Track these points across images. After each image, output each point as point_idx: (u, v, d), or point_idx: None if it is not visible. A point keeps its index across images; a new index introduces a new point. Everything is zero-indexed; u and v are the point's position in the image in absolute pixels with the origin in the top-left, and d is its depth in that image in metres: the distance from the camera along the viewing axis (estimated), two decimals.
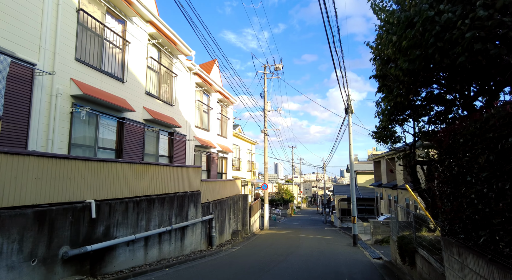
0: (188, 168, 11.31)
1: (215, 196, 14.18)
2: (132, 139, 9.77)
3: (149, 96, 11.00)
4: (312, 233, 22.29)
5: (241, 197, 19.47)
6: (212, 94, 16.99)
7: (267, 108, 27.34)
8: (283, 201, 52.86)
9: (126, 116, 9.57)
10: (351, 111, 14.78)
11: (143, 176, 8.61)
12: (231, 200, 16.75)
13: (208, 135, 16.30)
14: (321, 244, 15.30)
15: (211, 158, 16.36)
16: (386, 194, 27.18)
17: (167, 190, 9.86)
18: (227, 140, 19.41)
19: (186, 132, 13.61)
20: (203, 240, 12.24)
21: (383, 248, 13.34)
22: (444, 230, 4.80)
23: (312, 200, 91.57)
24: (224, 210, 15.30)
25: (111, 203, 7.23)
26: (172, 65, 12.75)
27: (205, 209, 12.47)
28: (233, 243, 14.94)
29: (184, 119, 13.64)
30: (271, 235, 20.46)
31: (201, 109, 15.56)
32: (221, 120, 18.67)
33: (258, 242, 16.28)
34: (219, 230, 14.27)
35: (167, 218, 9.62)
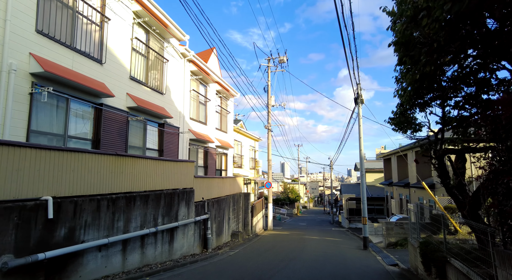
0: (178, 163, 10.12)
1: (212, 194, 12.99)
2: (112, 129, 8.61)
3: (134, 82, 9.83)
4: (318, 234, 20.98)
5: (242, 195, 18.26)
6: (210, 85, 15.79)
7: (271, 103, 26.08)
8: (288, 201, 51.54)
9: (106, 102, 8.41)
10: (361, 101, 13.44)
11: (121, 170, 7.44)
12: (230, 199, 15.54)
13: (206, 129, 15.11)
14: (328, 247, 14.01)
15: (208, 153, 15.17)
16: (397, 193, 25.71)
17: (152, 186, 8.68)
18: (227, 134, 18.21)
19: (179, 124, 12.43)
20: (197, 242, 11.05)
21: (398, 252, 11.99)
22: (504, 239, 3.49)
23: (319, 199, 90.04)
24: (223, 209, 14.10)
25: (77, 201, 6.06)
26: (162, 49, 11.58)
27: (199, 208, 11.28)
28: (232, 245, 13.73)
29: (177, 110, 12.46)
30: (274, 236, 19.21)
31: (197, 100, 14.37)
32: (221, 113, 17.47)
33: (259, 244, 15.04)
34: (216, 231, 13.08)
35: (152, 219, 8.44)
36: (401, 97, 6.63)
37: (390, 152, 26.50)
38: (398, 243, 12.93)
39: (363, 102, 13.54)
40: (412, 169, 21.32)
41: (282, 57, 26.09)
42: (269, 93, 26.24)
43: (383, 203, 31.36)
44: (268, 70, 26.60)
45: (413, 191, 21.20)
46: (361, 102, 13.50)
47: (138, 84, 10.05)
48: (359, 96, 13.23)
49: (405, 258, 10.33)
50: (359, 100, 13.41)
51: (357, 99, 13.35)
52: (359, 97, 13.29)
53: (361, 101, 13.46)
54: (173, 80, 12.27)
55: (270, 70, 26.65)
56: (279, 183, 63.51)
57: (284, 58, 26.15)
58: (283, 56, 26.11)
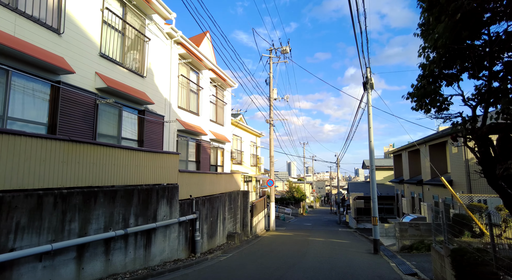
0: (158, 155, 8.73)
1: (203, 191, 11.59)
2: (74, 112, 7.24)
3: (106, 61, 8.46)
4: (323, 236, 19.44)
5: (240, 193, 16.84)
6: (202, 72, 14.38)
7: (273, 96, 24.61)
8: (294, 200, 49.95)
9: (66, 80, 7.05)
10: (371, 86, 11.89)
11: (77, 159, 6.06)
12: (226, 197, 14.13)
13: (198, 120, 13.71)
14: (334, 251, 12.50)
15: (201, 147, 13.76)
16: (409, 191, 24.03)
17: (123, 180, 7.30)
18: (223, 128, 16.79)
19: (164, 113, 11.05)
20: (183, 246, 9.65)
21: (414, 257, 10.44)
22: None
23: (326, 199, 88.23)
24: (216, 208, 12.69)
25: (3, 197, 4.69)
26: (144, 27, 10.20)
27: (185, 207, 9.88)
28: (226, 249, 12.32)
29: (162, 96, 11.08)
30: (276, 238, 17.73)
31: (187, 87, 12.97)
32: (216, 104, 16.05)
33: (258, 247, 13.59)
34: (208, 232, 11.68)
35: (121, 219, 7.06)
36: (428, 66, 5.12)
37: (401, 148, 24.82)
38: (414, 247, 11.35)
39: (373, 87, 11.98)
40: (426, 165, 19.65)
41: (285, 47, 24.60)
42: (271, 86, 24.78)
43: (393, 202, 29.66)
44: (270, 62, 25.15)
45: (427, 188, 19.54)
46: (370, 88, 11.94)
47: (112, 64, 8.67)
48: (368, 81, 11.68)
49: (425, 266, 8.79)
50: (368, 85, 11.86)
51: (366, 84, 11.80)
52: (368, 82, 11.75)
53: (370, 86, 11.91)
54: (158, 63, 10.89)
55: (272, 62, 25.20)
56: (284, 182, 61.91)
57: (287, 48, 24.66)
58: (285, 46, 24.62)
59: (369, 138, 12.14)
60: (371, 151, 12.08)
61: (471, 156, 14.54)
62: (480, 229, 9.58)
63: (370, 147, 12.10)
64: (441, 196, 17.23)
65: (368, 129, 12.21)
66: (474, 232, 9.34)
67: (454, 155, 15.57)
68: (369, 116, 12.20)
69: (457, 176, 15.36)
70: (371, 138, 12.11)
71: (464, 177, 14.68)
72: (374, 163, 12.18)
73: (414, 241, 11.61)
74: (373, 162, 12.18)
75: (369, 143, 12.16)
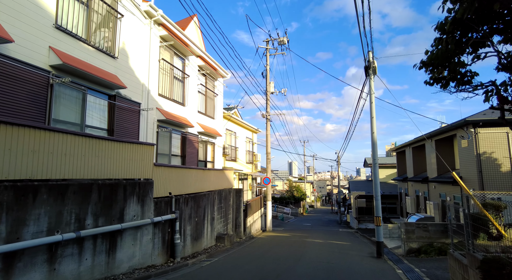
0: (127, 145, 7.52)
1: (186, 188, 10.39)
2: (18, 93, 6.04)
3: (64, 35, 7.26)
4: (322, 237, 18.21)
5: (233, 192, 15.64)
6: (189, 59, 13.17)
7: (270, 90, 23.40)
8: (293, 199, 48.68)
9: (4, 51, 5.85)
10: (374, 71, 10.65)
11: (8, 146, 4.86)
12: (215, 195, 12.93)
13: (183, 110, 12.50)
14: (333, 254, 11.28)
15: (187, 140, 12.56)
16: (413, 190, 22.76)
17: (78, 173, 6.10)
18: (214, 121, 15.59)
19: (141, 100, 9.85)
20: (159, 250, 8.45)
21: (423, 262, 9.20)
22: None
23: (327, 198, 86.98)
24: (203, 207, 11.49)
25: None
26: (116, 2, 9.00)
27: (162, 206, 8.68)
28: (213, 252, 11.12)
29: (139, 81, 9.88)
30: (272, 239, 16.53)
31: (170, 74, 11.77)
32: (205, 95, 14.84)
33: (249, 249, 12.39)
34: (192, 234, 10.48)
35: (74, 219, 5.86)
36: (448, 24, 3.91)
37: (405, 144, 23.54)
38: (422, 250, 10.11)
39: (376, 72, 10.74)
40: (432, 161, 18.40)
41: (282, 38, 23.37)
42: (268, 79, 23.57)
43: (396, 201, 28.38)
44: (267, 53, 23.94)
45: (433, 186, 18.28)
46: (373, 73, 10.70)
47: (72, 39, 7.47)
48: (370, 65, 10.44)
49: (437, 274, 7.55)
50: (370, 70, 10.62)
51: (367, 69, 10.57)
52: (371, 66, 10.51)
53: (373, 71, 10.67)
54: (134, 44, 9.69)
55: (269, 53, 24.00)
56: (284, 181, 60.66)
57: (285, 39, 23.42)
58: (283, 37, 23.39)
59: (372, 129, 10.91)
60: (374, 143, 10.85)
61: (483, 149, 13.29)
62: (498, 230, 8.38)
63: (372, 139, 10.86)
64: (449, 194, 15.99)
65: (370, 120, 10.98)
66: (490, 234, 8.14)
67: (464, 149, 14.32)
68: (371, 105, 10.97)
69: (467, 172, 14.10)
70: (373, 130, 10.87)
71: (475, 173, 13.43)
72: (377, 156, 10.95)
73: (422, 243, 10.37)
74: (376, 155, 10.95)
75: (371, 135, 10.93)
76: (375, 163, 10.91)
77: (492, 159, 13.00)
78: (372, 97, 10.98)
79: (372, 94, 10.98)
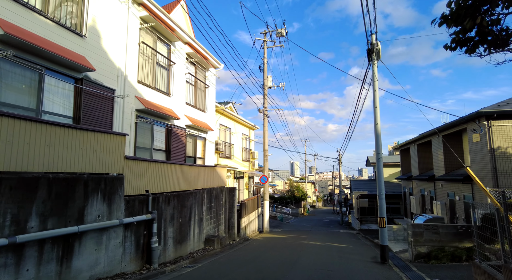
0: (90, 133, 6.44)
1: (168, 185, 9.32)
2: None
3: (14, 3, 6.19)
4: (322, 238, 17.09)
5: (226, 190, 14.56)
6: (175, 45, 12.09)
7: (267, 84, 22.32)
8: (294, 199, 47.52)
9: None
10: (377, 55, 9.54)
11: None
12: (204, 194, 11.86)
13: (168, 100, 11.43)
14: (332, 258, 10.18)
15: (173, 133, 11.48)
16: (418, 189, 21.59)
17: (18, 165, 5.03)
18: (205, 114, 14.51)
19: (116, 86, 8.78)
20: (132, 255, 7.37)
21: (435, 270, 8.07)
22: None
23: (329, 198, 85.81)
24: (188, 207, 10.42)
25: None
26: None
27: (136, 205, 7.61)
28: (199, 257, 10.04)
29: (114, 65, 8.80)
30: (267, 241, 15.43)
31: (153, 60, 10.70)
32: (195, 85, 13.76)
33: (241, 253, 11.30)
34: (174, 237, 9.41)
35: (10, 222, 4.79)
36: None
37: (409, 141, 22.36)
38: (432, 255, 8.97)
39: (380, 56, 9.63)
40: (439, 159, 17.24)
41: (280, 29, 22.28)
42: (265, 72, 22.48)
43: (399, 201, 27.21)
44: (264, 46, 22.86)
45: (440, 185, 17.13)
46: (376, 57, 9.59)
47: (25, 9, 6.41)
48: (373, 47, 9.33)
49: None
50: (373, 54, 9.51)
51: (370, 52, 9.45)
52: (374, 49, 9.39)
53: (376, 55, 9.55)
54: (107, 23, 8.62)
55: (266, 46, 22.91)
56: (284, 181, 59.50)
57: (283, 30, 22.34)
58: (281, 29, 22.30)
59: (375, 120, 9.79)
60: (378, 135, 9.73)
61: (498, 143, 12.13)
62: None
63: (376, 131, 9.75)
64: (458, 193, 14.84)
65: (373, 109, 9.86)
66: None
67: (475, 144, 13.16)
68: (374, 93, 9.85)
69: (479, 168, 12.94)
70: (377, 120, 9.76)
71: (488, 170, 12.28)
72: (381, 150, 9.83)
73: (431, 247, 9.24)
74: (380, 148, 9.82)
75: (375, 126, 9.81)
76: (379, 158, 9.79)
77: (508, 154, 11.85)
78: (375, 84, 9.86)
79: (375, 81, 9.86)
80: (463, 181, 13.50)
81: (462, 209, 14.29)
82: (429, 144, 20.06)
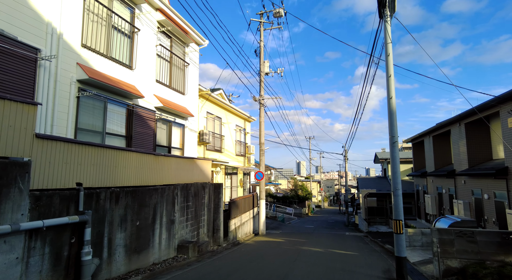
0: None
1: (116, 178, 7.16)
2: None
3: None
4: (324, 243, 14.79)
5: (209, 187, 12.38)
6: (142, 8, 9.93)
7: (264, 70, 20.08)
8: (297, 199, 45.13)
9: None
10: (391, 8, 7.20)
11: None
12: (176, 191, 9.70)
13: (129, 75, 9.28)
14: (331, 275, 7.92)
15: (135, 115, 9.32)
16: (434, 186, 19.14)
17: None
18: (184, 97, 12.33)
19: (44, 46, 6.63)
20: (44, 274, 5.21)
21: None
22: None
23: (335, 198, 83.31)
24: (151, 206, 8.27)
25: None
26: None
27: (55, 203, 5.44)
28: (162, 270, 7.87)
29: (41, 17, 6.66)
30: (259, 247, 13.20)
31: (107, 22, 8.54)
32: (170, 62, 11.58)
33: (219, 264, 9.09)
34: (128, 245, 7.24)
35: None
36: None
37: (424, 132, 19.90)
38: (469, 272, 6.62)
39: (395, 9, 7.31)
40: (461, 151, 14.80)
41: (278, 9, 20.06)
42: (262, 57, 20.24)
43: (411, 200, 24.73)
44: (261, 28, 20.64)
45: (462, 181, 14.69)
46: (390, 10, 7.29)
47: None
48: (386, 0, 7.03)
49: None
50: (386, 7, 7.22)
51: (383, 6, 7.15)
52: (387, 2, 7.10)
53: (390, 8, 7.26)
54: None
55: (263, 28, 20.68)
56: (288, 179, 57.10)
57: (281, 10, 20.12)
58: (279, 8, 20.06)
59: (389, 93, 7.48)
60: (392, 112, 7.41)
61: None
62: None
63: (390, 107, 7.44)
64: (486, 191, 12.41)
65: (386, 80, 7.56)
66: None
67: (511, 130, 10.73)
68: (387, 58, 7.55)
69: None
70: (391, 93, 7.45)
71: None
72: (396, 131, 7.50)
73: (466, 261, 6.91)
74: (395, 130, 7.49)
75: (388, 101, 7.50)
76: (393, 142, 7.46)
77: None
78: (388, 47, 7.56)
79: (388, 44, 7.55)
80: (495, 176, 11.09)
81: (492, 210, 11.86)
82: (447, 135, 17.63)
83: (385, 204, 24.73)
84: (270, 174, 54.76)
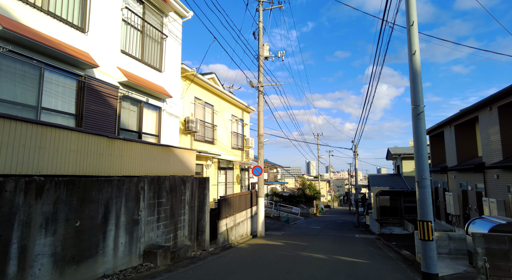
0: None
1: (42, 165, 5.33)
2: None
3: None
4: (329, 248, 12.73)
5: (191, 181, 10.50)
6: None
7: (263, 54, 18.13)
8: (305, 198, 42.97)
9: None
10: None
11: None
12: (143, 184, 7.84)
13: (81, 39, 7.44)
14: None
15: (88, 89, 7.46)
16: (457, 183, 16.81)
17: None
18: (161, 75, 10.46)
19: None
20: None
21: None
22: None
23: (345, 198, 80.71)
24: (100, 202, 6.42)
25: None
26: None
27: None
28: None
29: None
30: (252, 252, 11.23)
31: None
32: (143, 31, 9.71)
33: (193, 276, 7.16)
34: (58, 253, 5.41)
35: None
36: None
37: (443, 122, 17.57)
38: None
39: None
40: (491, 140, 12.54)
41: None
42: (261, 39, 18.30)
43: None
44: (260, 8, 18.71)
45: (495, 176, 12.39)
46: None
47: None
48: None
49: None
50: None
51: None
52: None
53: None
54: None
55: (262, 7, 18.72)
56: (295, 178, 54.92)
57: None
58: None
59: (411, 47, 5.38)
60: (415, 72, 5.29)
61: None
62: None
63: (413, 64, 5.31)
64: None
65: (407, 30, 5.49)
66: None
67: None
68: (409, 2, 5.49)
69: None
70: (414, 46, 5.31)
71: None
72: (422, 97, 5.41)
73: None
74: (419, 96, 5.37)
75: (410, 57, 5.38)
76: (418, 113, 5.37)
77: None
78: None
79: None
80: None
81: None
82: (472, 123, 15.32)
83: (399, 203, 22.45)
84: (276, 172, 52.68)
